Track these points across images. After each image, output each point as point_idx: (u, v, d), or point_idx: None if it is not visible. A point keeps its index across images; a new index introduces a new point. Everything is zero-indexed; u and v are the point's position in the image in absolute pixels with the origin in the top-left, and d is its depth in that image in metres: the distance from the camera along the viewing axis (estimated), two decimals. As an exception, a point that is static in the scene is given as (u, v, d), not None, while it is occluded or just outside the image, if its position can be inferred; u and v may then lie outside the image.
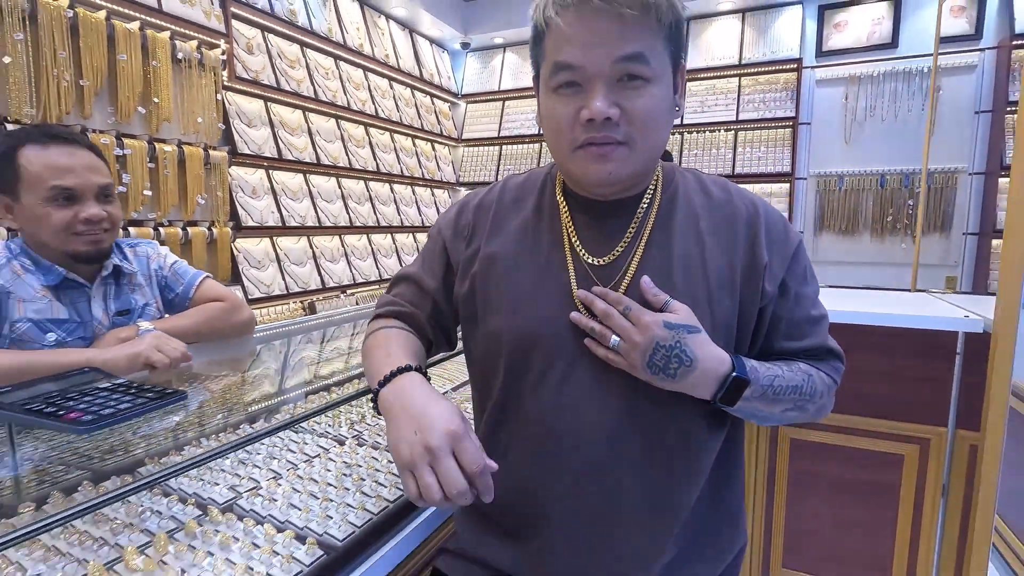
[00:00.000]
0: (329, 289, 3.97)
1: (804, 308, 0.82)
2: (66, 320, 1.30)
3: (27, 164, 1.21)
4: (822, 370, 0.84)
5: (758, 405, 0.77)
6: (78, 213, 1.24)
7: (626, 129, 0.71)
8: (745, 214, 0.79)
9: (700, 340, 0.72)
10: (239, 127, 3.33)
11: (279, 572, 0.75)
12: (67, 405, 0.87)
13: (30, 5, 2.23)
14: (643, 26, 0.69)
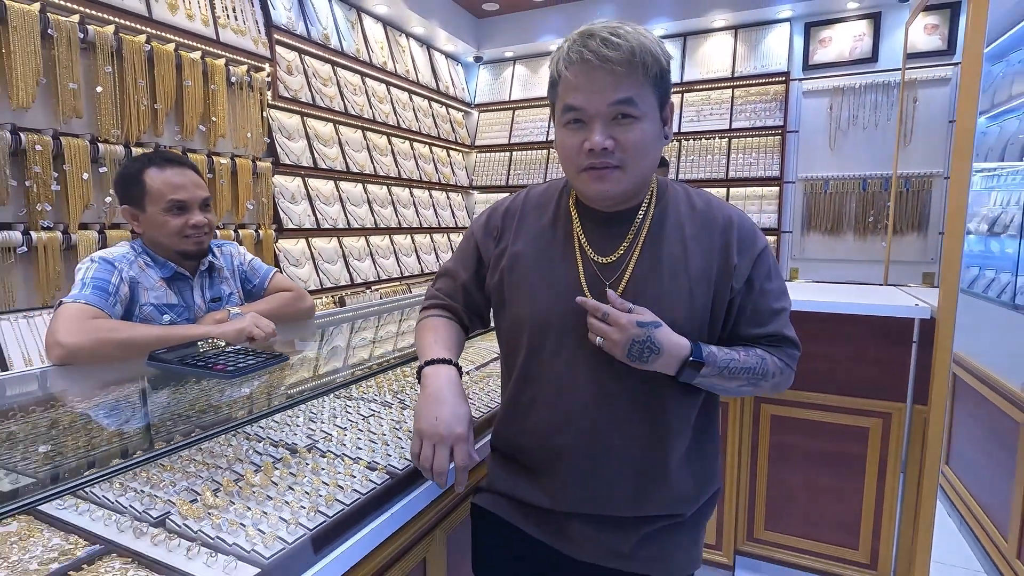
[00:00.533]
0: (356, 285, 4.28)
1: (766, 301, 0.97)
2: (176, 304, 1.59)
3: (150, 182, 1.49)
4: (776, 355, 0.98)
5: (715, 381, 0.93)
6: (187, 220, 1.53)
7: (620, 156, 0.89)
8: (721, 224, 0.96)
9: (664, 332, 0.89)
10: (281, 140, 3.65)
11: (359, 486, 1.04)
12: (211, 362, 1.20)
13: (116, 42, 2.55)
14: (632, 78, 0.86)
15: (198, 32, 2.95)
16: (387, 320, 2.28)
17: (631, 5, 5.13)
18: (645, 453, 0.98)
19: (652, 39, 0.90)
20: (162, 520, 0.95)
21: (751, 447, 2.34)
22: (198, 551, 0.87)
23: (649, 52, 0.87)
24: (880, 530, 2.16)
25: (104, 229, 2.55)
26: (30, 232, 2.28)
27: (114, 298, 1.41)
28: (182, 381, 1.29)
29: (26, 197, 2.30)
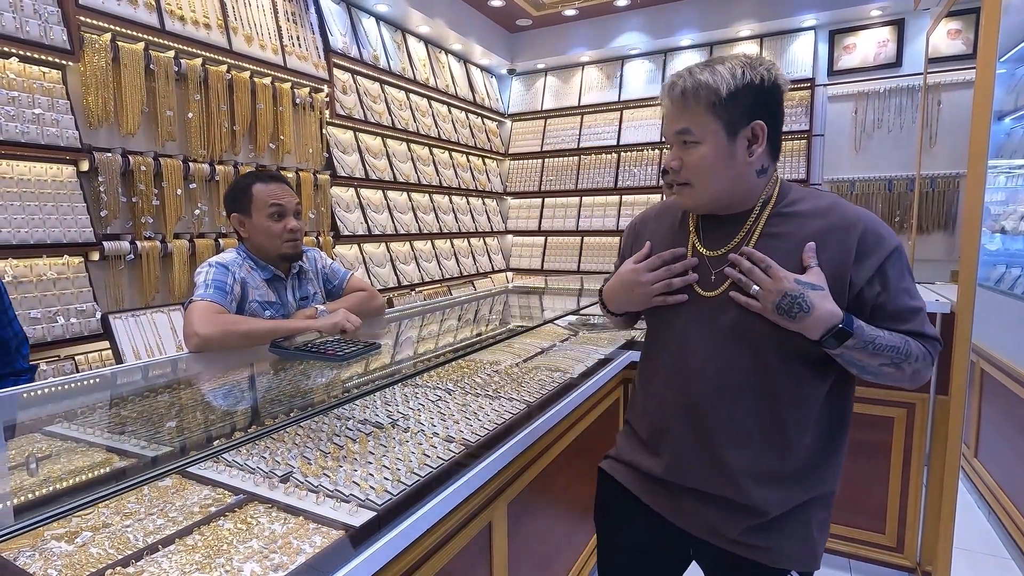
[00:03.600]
0: (403, 287, 4.50)
1: (902, 299, 0.98)
2: (275, 302, 1.80)
3: (257, 193, 1.72)
4: (919, 342, 0.98)
5: (859, 355, 0.94)
6: (286, 225, 1.74)
7: (686, 174, 1.03)
8: (841, 226, 0.98)
9: (820, 295, 0.93)
10: (337, 154, 3.89)
11: (442, 454, 1.21)
12: (322, 348, 1.39)
13: (203, 72, 2.80)
14: (686, 109, 1.00)
15: (269, 60, 3.20)
16: (439, 318, 2.47)
17: (658, 20, 5.23)
18: (762, 439, 1.01)
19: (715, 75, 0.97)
20: (286, 477, 1.14)
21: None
22: (324, 499, 1.05)
23: (703, 87, 0.97)
24: (906, 515, 2.22)
25: (193, 239, 2.81)
26: (136, 242, 2.54)
27: (230, 296, 1.62)
28: (285, 371, 1.51)
29: (132, 211, 2.57)
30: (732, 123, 0.97)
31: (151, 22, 2.58)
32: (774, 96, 1.00)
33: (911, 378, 0.99)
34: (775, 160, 1.05)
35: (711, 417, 1.04)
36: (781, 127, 1.05)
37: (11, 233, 2.10)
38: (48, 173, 2.27)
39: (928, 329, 0.99)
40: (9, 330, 1.46)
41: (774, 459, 1.02)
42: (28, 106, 2.17)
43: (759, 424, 1.02)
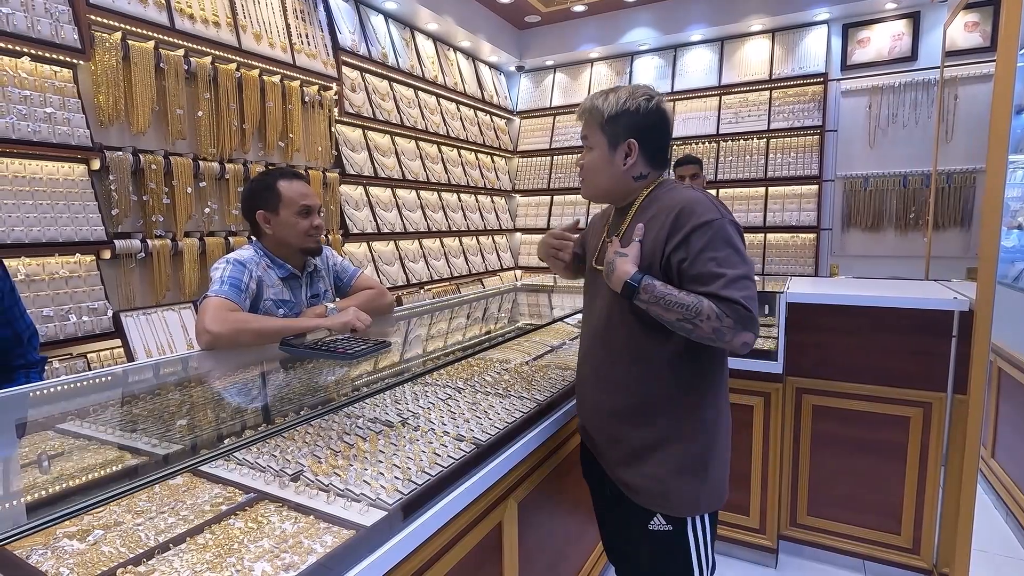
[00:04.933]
0: (412, 285, 4.50)
1: (700, 265, 1.17)
2: (288, 300, 1.81)
3: (284, 190, 1.74)
4: (716, 305, 1.14)
5: (656, 310, 1.18)
6: (311, 222, 1.77)
7: (582, 172, 1.34)
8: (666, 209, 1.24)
9: (623, 260, 1.22)
10: (346, 152, 3.89)
11: (453, 453, 1.20)
12: (332, 347, 1.38)
13: (213, 71, 2.81)
14: (585, 123, 1.32)
15: (278, 58, 3.20)
16: (448, 316, 2.46)
17: (667, 15, 5.19)
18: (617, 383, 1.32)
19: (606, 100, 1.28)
20: (297, 476, 1.13)
21: (793, 435, 2.40)
22: (334, 498, 1.04)
23: (595, 109, 1.29)
24: (922, 516, 2.19)
25: (204, 237, 2.82)
26: (146, 240, 2.56)
27: (245, 294, 1.63)
28: (295, 370, 1.50)
29: (143, 210, 2.58)
30: (613, 138, 1.27)
31: (161, 20, 2.58)
32: (651, 120, 1.27)
33: (715, 337, 1.15)
34: (658, 168, 1.32)
35: (590, 362, 1.38)
36: (661, 144, 1.30)
37: (23, 232, 2.12)
38: (60, 172, 2.28)
39: (727, 293, 1.14)
40: (21, 323, 1.48)
41: (627, 399, 1.30)
42: (40, 105, 2.19)
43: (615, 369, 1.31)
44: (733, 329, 1.13)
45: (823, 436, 2.35)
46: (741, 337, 1.15)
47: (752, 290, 1.17)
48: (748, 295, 1.15)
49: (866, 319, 2.25)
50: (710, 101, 5.20)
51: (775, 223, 4.88)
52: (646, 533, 1.32)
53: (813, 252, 4.81)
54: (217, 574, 0.80)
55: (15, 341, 1.46)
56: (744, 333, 1.14)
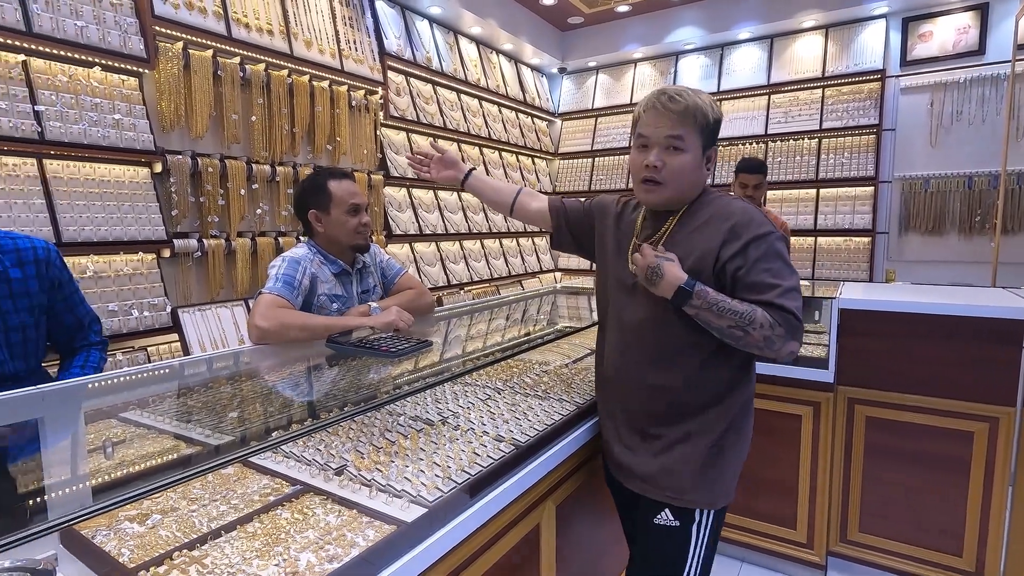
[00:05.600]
0: (452, 286, 4.54)
1: (755, 275, 1.18)
2: (341, 295, 1.87)
3: (334, 190, 1.81)
4: (769, 313, 1.15)
5: (708, 316, 1.17)
6: (360, 220, 1.83)
7: (664, 175, 1.24)
8: (720, 216, 1.23)
9: (671, 265, 1.20)
10: (390, 155, 3.97)
11: (492, 453, 1.21)
12: (376, 345, 1.41)
13: (266, 77, 2.92)
14: (682, 122, 1.22)
15: (327, 64, 3.30)
16: (488, 316, 2.47)
17: (715, 13, 5.07)
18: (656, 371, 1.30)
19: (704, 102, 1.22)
20: (341, 470, 1.16)
21: (844, 447, 2.30)
22: (376, 493, 1.06)
23: (700, 110, 1.22)
24: (987, 537, 2.07)
25: (255, 237, 2.93)
26: (202, 240, 2.68)
27: (297, 291, 1.69)
28: (341, 366, 1.54)
29: (199, 211, 2.71)
30: (707, 144, 1.26)
31: (219, 30, 2.71)
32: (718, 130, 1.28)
33: (764, 345, 1.16)
34: None
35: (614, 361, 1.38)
36: None
37: (93, 231, 2.26)
38: (126, 175, 2.42)
39: (781, 302, 1.15)
40: (81, 308, 1.57)
41: (656, 399, 1.30)
42: (109, 112, 2.32)
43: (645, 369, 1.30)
44: (783, 338, 1.15)
45: (877, 449, 2.24)
46: (789, 346, 1.16)
47: (800, 301, 1.19)
48: (798, 306, 1.17)
49: (926, 327, 2.14)
50: (758, 100, 5.05)
51: (826, 226, 4.70)
52: (650, 526, 1.33)
53: (867, 257, 4.60)
54: (265, 561, 0.83)
55: (77, 326, 1.55)
56: (792, 342, 1.17)
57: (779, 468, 2.35)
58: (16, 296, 1.39)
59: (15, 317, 1.39)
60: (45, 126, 2.11)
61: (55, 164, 2.20)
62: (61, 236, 2.15)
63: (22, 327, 1.40)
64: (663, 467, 1.30)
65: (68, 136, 2.18)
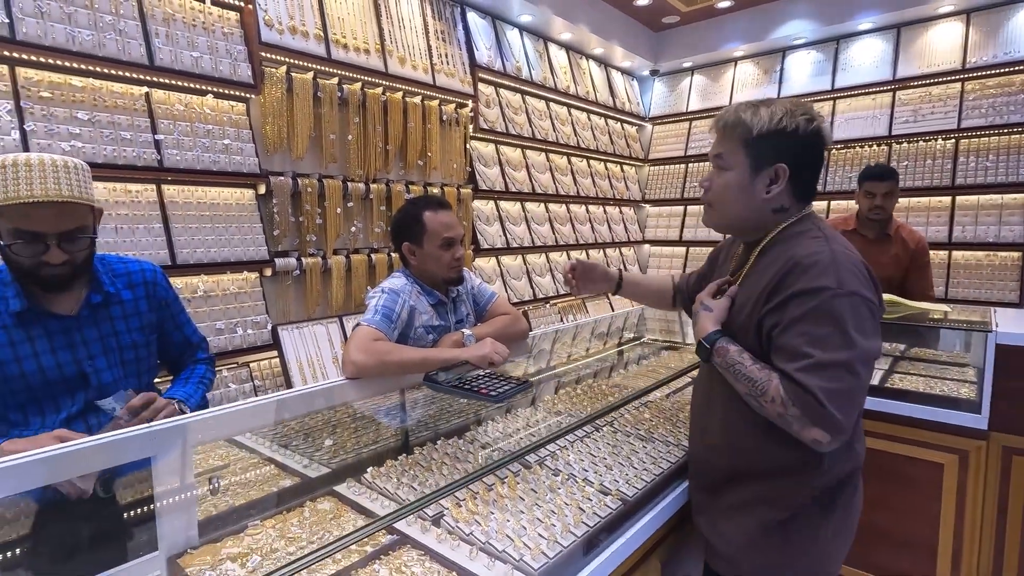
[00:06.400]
0: (538, 300, 4.48)
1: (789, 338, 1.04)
2: (438, 325, 1.85)
3: (429, 222, 1.79)
4: (785, 388, 1.01)
5: (728, 376, 1.11)
6: (454, 254, 1.81)
7: (711, 195, 1.19)
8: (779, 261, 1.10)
9: (706, 315, 1.17)
10: (479, 168, 3.99)
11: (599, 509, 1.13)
12: (476, 386, 1.35)
13: (362, 95, 3.01)
14: (724, 138, 1.16)
15: (419, 79, 3.36)
16: (578, 340, 2.38)
17: (830, 3, 4.66)
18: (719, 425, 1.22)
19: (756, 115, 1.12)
20: (438, 520, 1.11)
21: (998, 503, 2.01)
22: (477, 554, 1.00)
23: (740, 123, 1.13)
24: None
25: (349, 254, 3.03)
26: (301, 258, 2.79)
27: (395, 324, 1.68)
28: (438, 403, 1.52)
29: (298, 230, 2.83)
30: (758, 160, 1.12)
31: (320, 52, 2.82)
32: (809, 145, 1.12)
33: (781, 423, 1.04)
34: (802, 202, 1.16)
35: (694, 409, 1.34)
36: (813, 175, 1.15)
37: (203, 252, 2.41)
38: (233, 197, 2.57)
39: (801, 377, 1.00)
40: (189, 327, 1.65)
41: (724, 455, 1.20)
42: (219, 137, 2.48)
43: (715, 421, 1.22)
44: (800, 421, 1.00)
45: (1042, 510, 1.92)
46: (810, 433, 1.00)
47: (847, 383, 0.99)
48: (833, 388, 0.98)
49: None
50: (881, 98, 4.59)
51: (965, 239, 4.16)
52: None
53: (1018, 275, 4.02)
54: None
55: (185, 344, 1.64)
56: (812, 429, 0.99)
57: (915, 523, 2.09)
58: (128, 316, 1.49)
59: (127, 336, 1.48)
60: (164, 154, 2.28)
61: (172, 189, 2.37)
62: (176, 257, 2.31)
63: (134, 345, 1.49)
64: (719, 532, 1.21)
65: (184, 162, 2.34)
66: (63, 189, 1.26)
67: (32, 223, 1.24)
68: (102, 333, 1.44)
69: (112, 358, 1.44)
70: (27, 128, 1.93)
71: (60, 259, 1.28)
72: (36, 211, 1.24)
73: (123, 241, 2.17)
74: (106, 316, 1.45)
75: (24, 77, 1.97)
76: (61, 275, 1.30)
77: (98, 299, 1.41)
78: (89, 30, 2.06)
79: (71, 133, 2.03)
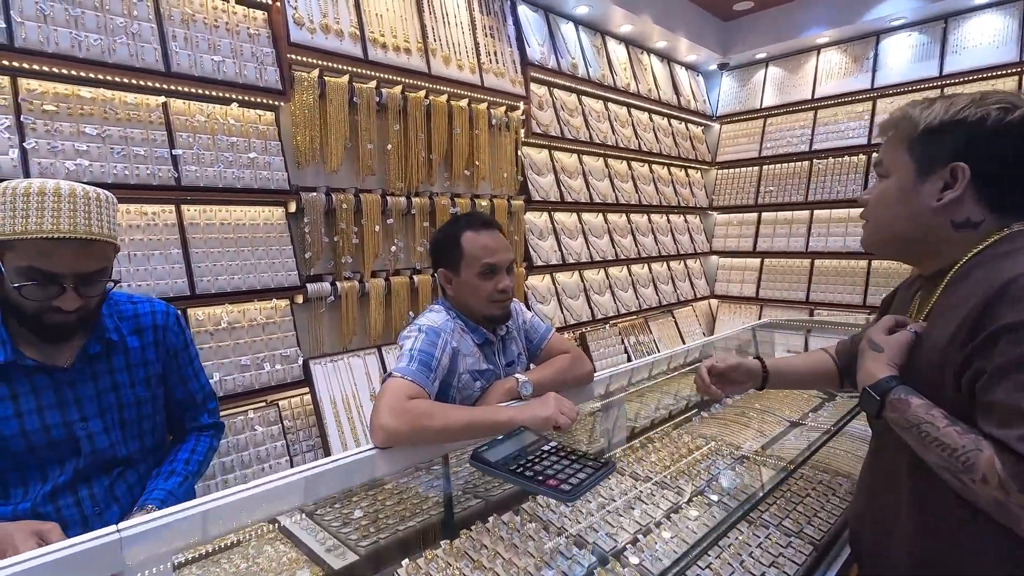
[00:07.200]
0: (597, 321, 4.12)
1: (998, 390, 0.76)
2: (486, 370, 1.56)
3: (467, 245, 1.50)
4: (1003, 463, 0.73)
5: (911, 439, 0.85)
6: (496, 284, 1.50)
7: (867, 211, 1.01)
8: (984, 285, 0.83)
9: (874, 357, 0.93)
10: (531, 176, 3.67)
11: None
12: (540, 474, 1.01)
13: (403, 100, 2.75)
14: (886, 141, 0.98)
15: (466, 80, 3.08)
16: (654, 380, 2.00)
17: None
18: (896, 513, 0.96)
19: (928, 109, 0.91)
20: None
21: None
22: None
23: (906, 119, 0.94)
24: None
25: (389, 276, 2.76)
26: (336, 283, 2.54)
27: (434, 373, 1.39)
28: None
29: (333, 251, 2.57)
30: (927, 161, 0.91)
31: (355, 53, 2.57)
32: (1005, 139, 0.86)
33: (996, 510, 0.76)
34: (998, 214, 0.89)
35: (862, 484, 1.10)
36: (1009, 177, 0.87)
37: (227, 280, 2.18)
38: (260, 216, 2.34)
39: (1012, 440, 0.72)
40: (195, 383, 1.43)
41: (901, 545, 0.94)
42: (244, 151, 2.25)
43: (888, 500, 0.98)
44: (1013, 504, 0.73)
45: None
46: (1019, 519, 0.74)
47: None
48: None
49: None
50: (1003, 83, 4.00)
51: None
52: None
53: None
54: None
55: (188, 402, 1.42)
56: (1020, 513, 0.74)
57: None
58: (132, 367, 1.30)
59: (129, 392, 1.29)
60: (182, 170, 2.06)
61: (192, 210, 2.15)
62: (195, 287, 2.09)
63: (137, 402, 1.30)
64: None
65: (204, 179, 2.12)
66: (93, 225, 1.10)
67: (51, 262, 1.07)
68: (99, 389, 1.25)
69: (110, 418, 1.25)
70: (27, 146, 1.74)
71: (74, 305, 1.12)
72: (58, 249, 1.07)
73: (136, 270, 1.96)
74: (105, 368, 1.26)
75: (26, 89, 1.78)
76: (69, 324, 1.15)
77: (97, 349, 1.23)
78: (97, 34, 1.86)
79: (77, 150, 1.83)
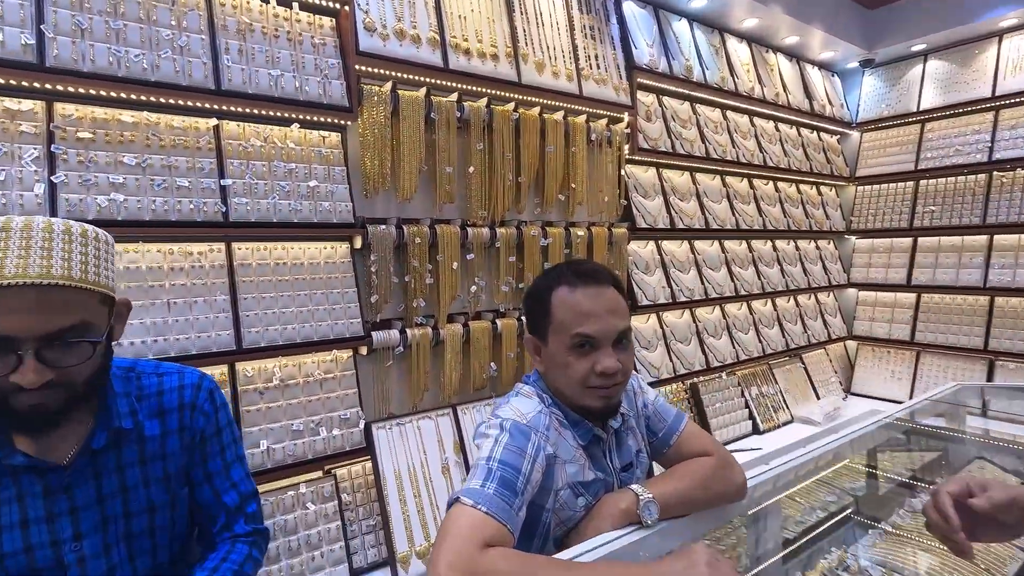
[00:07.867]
0: (712, 369, 3.53)
1: None
2: (592, 481, 1.14)
3: (556, 306, 1.11)
4: None
5: None
6: (595, 364, 1.08)
7: None
8: None
9: None
10: (636, 199, 3.20)
11: None
12: None
13: (488, 114, 2.40)
14: None
15: (562, 89, 2.68)
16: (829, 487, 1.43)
17: None
18: None
19: None
20: None
21: None
22: None
23: None
24: None
25: (468, 321, 2.38)
26: (406, 330, 2.19)
27: (520, 498, 0.97)
28: None
29: (404, 294, 2.24)
30: None
31: (434, 61, 2.24)
32: None
33: None
34: None
35: None
36: None
37: (278, 331, 1.88)
38: (320, 255, 2.05)
39: None
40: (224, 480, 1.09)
41: None
42: (303, 179, 1.97)
43: None
44: None
45: None
46: None
47: None
48: None
49: None
50: None
51: None
52: None
53: None
54: None
55: (217, 507, 1.08)
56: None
57: None
58: (148, 462, 1.00)
59: (141, 496, 0.99)
60: (230, 203, 1.80)
61: (243, 249, 1.89)
62: (243, 339, 1.81)
63: (151, 509, 1.00)
64: None
65: (255, 213, 1.85)
66: (56, 267, 0.79)
67: None
68: (103, 494, 0.95)
69: (113, 531, 0.96)
70: (56, 180, 1.53)
71: (38, 380, 0.80)
72: (5, 301, 0.77)
73: (175, 321, 1.70)
74: (114, 465, 0.97)
75: (60, 115, 1.59)
76: (43, 408, 0.83)
77: (103, 442, 0.94)
78: (139, 49, 1.64)
79: (112, 183, 1.61)
